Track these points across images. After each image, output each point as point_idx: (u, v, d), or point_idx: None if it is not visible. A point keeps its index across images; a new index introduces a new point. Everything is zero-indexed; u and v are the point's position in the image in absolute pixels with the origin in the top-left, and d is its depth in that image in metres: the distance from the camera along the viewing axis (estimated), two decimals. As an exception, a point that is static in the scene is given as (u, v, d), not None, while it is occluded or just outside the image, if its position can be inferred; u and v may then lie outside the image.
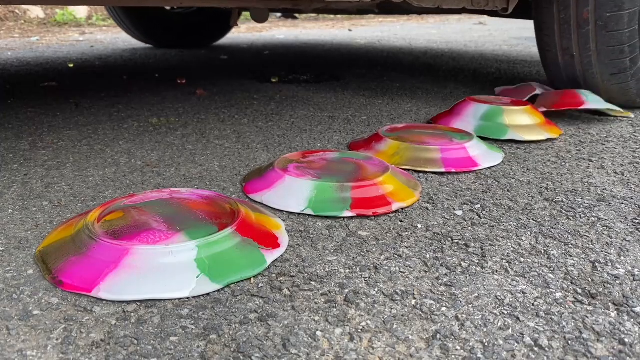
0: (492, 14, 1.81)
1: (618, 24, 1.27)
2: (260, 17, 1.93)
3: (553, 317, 0.56)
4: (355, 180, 0.84)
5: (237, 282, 0.61)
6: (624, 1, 1.26)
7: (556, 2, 1.36)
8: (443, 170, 0.98)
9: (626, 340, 0.52)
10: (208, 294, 0.59)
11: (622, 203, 0.86)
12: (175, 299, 0.58)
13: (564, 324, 0.55)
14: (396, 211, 0.81)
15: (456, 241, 0.72)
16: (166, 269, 0.59)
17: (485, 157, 1.04)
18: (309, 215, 0.78)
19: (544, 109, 1.38)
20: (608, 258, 0.68)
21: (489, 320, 0.55)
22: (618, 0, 1.26)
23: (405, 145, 1.05)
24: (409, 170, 0.99)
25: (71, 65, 2.27)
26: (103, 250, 0.61)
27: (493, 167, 1.03)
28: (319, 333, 0.53)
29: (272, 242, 0.68)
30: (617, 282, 0.62)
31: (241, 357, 0.49)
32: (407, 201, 0.83)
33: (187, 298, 0.58)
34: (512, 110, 1.25)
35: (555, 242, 0.72)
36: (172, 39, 2.89)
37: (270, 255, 0.66)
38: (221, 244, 0.63)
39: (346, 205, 0.78)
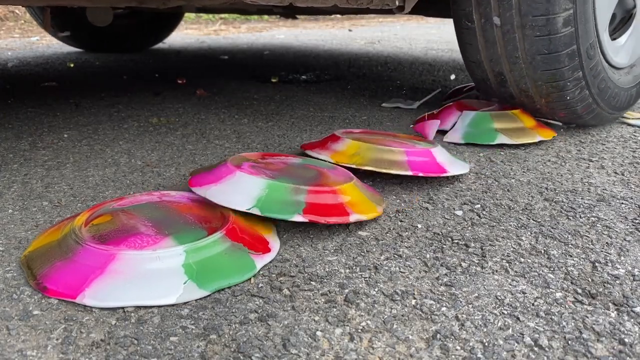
0: (384, 12, 1.64)
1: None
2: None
3: (553, 317, 0.56)
4: (313, 184, 0.77)
5: (225, 289, 0.61)
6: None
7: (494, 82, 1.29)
8: (410, 173, 0.89)
9: (626, 340, 0.52)
10: (205, 298, 0.59)
11: (622, 203, 0.86)
12: (162, 306, 0.57)
13: (564, 324, 0.55)
14: (354, 223, 0.75)
15: (456, 241, 0.72)
16: (153, 275, 0.58)
17: (452, 164, 0.97)
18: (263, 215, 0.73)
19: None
20: (608, 258, 0.68)
21: (489, 320, 0.55)
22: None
23: (367, 145, 0.95)
24: (371, 171, 0.92)
25: (71, 65, 2.27)
26: (89, 255, 0.60)
27: (460, 175, 1.00)
28: (319, 333, 0.53)
29: (262, 246, 0.68)
30: (617, 282, 0.62)
31: (241, 357, 0.49)
32: (368, 214, 0.75)
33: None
34: (501, 114, 1.23)
35: (555, 242, 0.72)
36: (101, 42, 2.65)
37: (261, 261, 0.65)
38: (210, 248, 0.62)
39: (298, 208, 0.71)
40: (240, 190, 0.73)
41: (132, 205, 0.73)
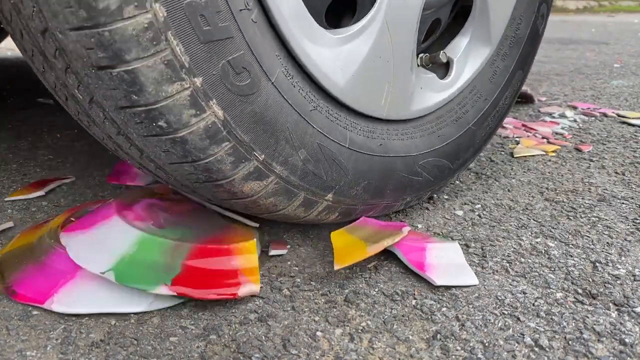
0: None
1: None
2: None
3: (553, 317, 0.56)
4: (206, 240, 0.60)
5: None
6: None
7: None
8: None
9: (627, 340, 0.52)
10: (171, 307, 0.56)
11: (623, 203, 0.86)
12: (131, 313, 0.55)
13: (565, 324, 0.55)
14: (242, 298, 0.57)
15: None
16: None
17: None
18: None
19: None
20: (609, 258, 0.68)
21: (490, 320, 0.55)
22: None
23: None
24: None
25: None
26: (61, 259, 0.58)
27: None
28: (319, 333, 0.53)
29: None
30: (618, 282, 0.62)
31: (241, 358, 0.49)
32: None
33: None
34: None
35: (555, 242, 0.72)
36: None
37: None
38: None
39: (168, 276, 0.55)
40: (105, 244, 0.58)
41: None
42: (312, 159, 0.61)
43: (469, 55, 0.82)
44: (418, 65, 0.77)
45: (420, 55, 0.78)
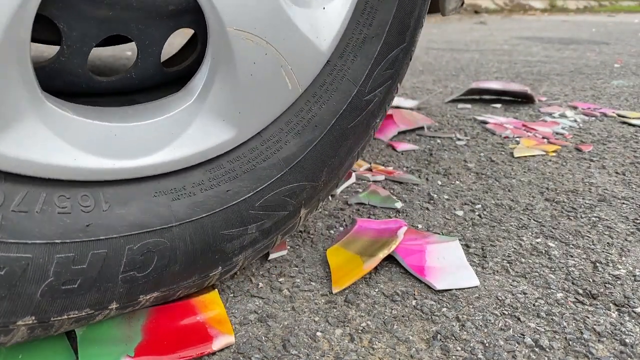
0: None
1: None
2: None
3: (554, 317, 0.56)
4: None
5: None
6: None
7: None
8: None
9: (627, 340, 0.52)
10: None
11: (623, 203, 0.86)
12: None
13: (565, 324, 0.54)
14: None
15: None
16: None
17: None
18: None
19: None
20: (609, 258, 0.68)
21: (490, 320, 0.55)
22: None
23: None
24: None
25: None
26: None
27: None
28: (319, 334, 0.53)
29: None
30: (618, 282, 0.62)
31: (241, 358, 0.49)
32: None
33: None
34: None
35: (556, 242, 0.72)
36: None
37: None
38: None
39: (129, 346, 0.49)
40: None
41: None
42: (272, 227, 0.56)
43: None
44: None
45: None
